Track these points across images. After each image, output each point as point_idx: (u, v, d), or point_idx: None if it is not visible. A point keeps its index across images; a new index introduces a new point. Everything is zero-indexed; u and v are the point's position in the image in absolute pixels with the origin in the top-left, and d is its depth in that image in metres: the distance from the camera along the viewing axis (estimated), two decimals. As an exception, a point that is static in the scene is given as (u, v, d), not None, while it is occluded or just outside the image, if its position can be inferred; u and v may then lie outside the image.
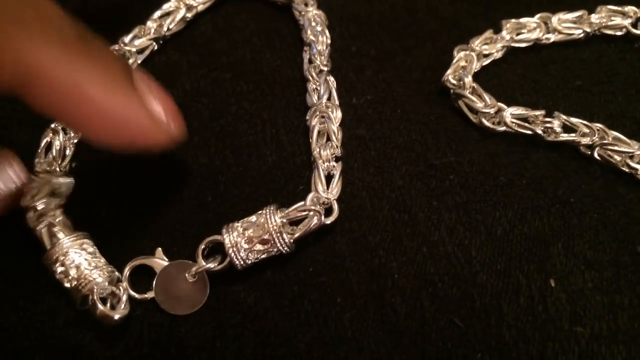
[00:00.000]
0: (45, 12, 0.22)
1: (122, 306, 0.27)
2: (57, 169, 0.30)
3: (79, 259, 0.27)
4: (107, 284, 0.27)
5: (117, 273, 0.28)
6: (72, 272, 0.27)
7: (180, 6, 0.36)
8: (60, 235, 0.27)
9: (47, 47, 0.22)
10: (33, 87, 0.22)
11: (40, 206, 0.27)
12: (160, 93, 0.26)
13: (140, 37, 0.35)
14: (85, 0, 0.38)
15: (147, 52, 0.35)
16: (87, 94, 0.23)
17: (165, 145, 0.25)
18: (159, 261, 0.29)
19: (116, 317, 0.26)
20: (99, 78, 0.23)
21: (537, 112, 0.32)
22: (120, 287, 0.27)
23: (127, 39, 0.34)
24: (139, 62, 0.35)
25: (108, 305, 0.27)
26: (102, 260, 0.27)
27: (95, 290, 0.26)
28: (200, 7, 0.36)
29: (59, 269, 0.27)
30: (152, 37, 0.35)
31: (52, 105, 0.23)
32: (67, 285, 0.27)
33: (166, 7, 0.36)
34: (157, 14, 0.36)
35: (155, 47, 0.35)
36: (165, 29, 0.35)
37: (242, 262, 0.28)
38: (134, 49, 0.34)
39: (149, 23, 0.35)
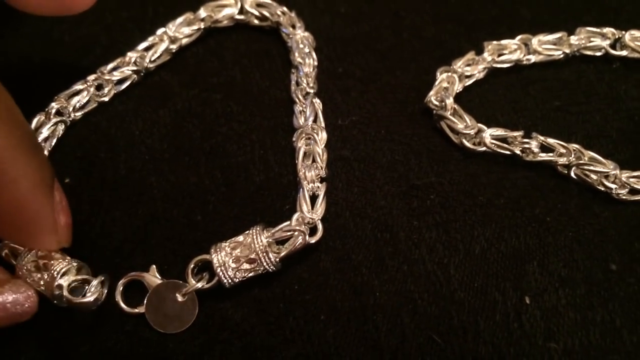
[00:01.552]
0: None
1: (92, 290, 0.28)
2: None
3: (45, 259, 0.28)
4: (73, 274, 0.28)
5: (82, 263, 0.28)
6: (43, 273, 0.28)
7: (164, 39, 0.37)
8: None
9: None
10: None
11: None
12: (66, 204, 0.29)
13: (121, 67, 0.36)
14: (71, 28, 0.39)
15: (127, 83, 0.36)
16: (15, 192, 0.25)
17: (52, 248, 0.28)
18: (152, 278, 0.30)
19: (82, 300, 0.27)
20: (31, 181, 0.25)
21: (516, 133, 0.33)
22: (88, 274, 0.28)
23: (106, 68, 0.35)
24: (119, 90, 0.36)
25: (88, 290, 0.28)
26: (66, 258, 0.28)
27: (64, 283, 0.27)
28: (185, 41, 0.37)
29: (33, 274, 0.28)
30: (133, 68, 0.36)
31: None
32: (42, 288, 0.28)
33: (150, 39, 0.37)
34: (141, 45, 0.36)
35: (136, 79, 0.36)
36: (147, 60, 0.36)
37: (229, 281, 0.29)
38: (114, 79, 0.35)
39: (130, 54, 0.36)
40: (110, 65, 0.36)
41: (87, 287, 0.28)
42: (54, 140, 0.34)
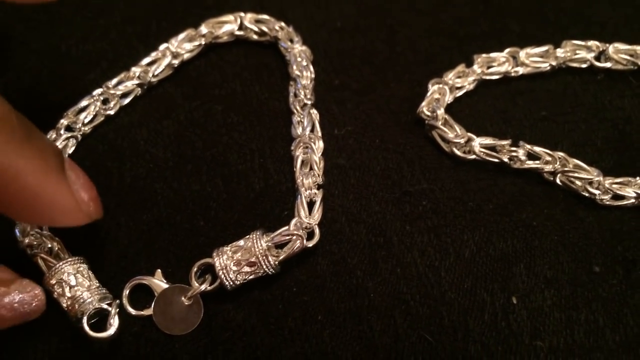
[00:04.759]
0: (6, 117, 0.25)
1: (112, 326, 0.29)
2: None
3: (73, 282, 0.29)
4: (98, 304, 0.29)
5: (109, 294, 0.30)
6: (67, 293, 0.29)
7: (166, 54, 0.38)
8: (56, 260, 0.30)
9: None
10: None
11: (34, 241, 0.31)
12: (86, 180, 0.29)
13: (125, 81, 0.37)
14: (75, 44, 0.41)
15: (131, 97, 0.37)
16: (24, 182, 0.25)
17: (83, 223, 0.28)
18: (158, 282, 0.31)
19: (99, 335, 0.29)
20: (36, 168, 0.26)
21: (504, 142, 0.34)
22: (112, 308, 0.29)
23: (111, 83, 0.37)
24: (124, 104, 0.37)
25: (108, 322, 0.29)
26: (95, 282, 0.30)
27: (86, 310, 0.29)
28: (187, 55, 0.39)
29: (57, 290, 0.29)
30: (136, 82, 0.37)
31: None
32: (64, 305, 0.29)
33: (153, 54, 0.38)
34: (145, 60, 0.38)
35: (140, 92, 0.38)
36: (150, 75, 0.38)
37: (231, 283, 0.30)
38: (118, 93, 0.37)
39: (134, 69, 0.38)
40: (115, 80, 0.37)
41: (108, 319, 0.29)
42: (66, 155, 0.35)
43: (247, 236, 0.31)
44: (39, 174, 0.26)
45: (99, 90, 0.37)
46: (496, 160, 0.35)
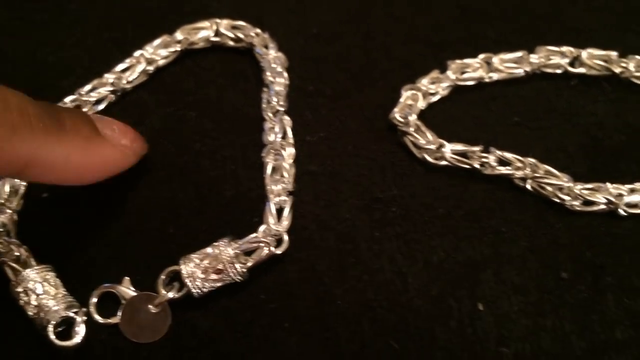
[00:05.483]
0: (24, 109, 0.26)
1: (77, 335, 0.29)
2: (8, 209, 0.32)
3: (40, 290, 0.29)
4: (64, 312, 0.29)
5: (75, 302, 0.30)
6: (33, 302, 0.29)
7: (140, 60, 0.38)
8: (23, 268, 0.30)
9: (32, 138, 0.26)
10: (29, 171, 0.27)
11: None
12: (120, 126, 0.32)
13: (98, 88, 0.37)
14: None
15: (104, 103, 0.37)
16: (70, 161, 0.28)
17: (133, 163, 0.33)
18: (126, 290, 0.31)
19: (65, 344, 0.29)
20: (76, 145, 0.28)
21: (475, 148, 0.34)
22: (78, 316, 0.29)
23: (84, 90, 0.37)
24: (97, 110, 0.37)
25: (74, 330, 0.29)
26: (62, 290, 0.30)
27: (52, 319, 0.29)
28: (162, 62, 0.39)
29: (23, 299, 0.29)
30: (110, 89, 0.37)
31: (45, 177, 0.29)
32: (30, 313, 0.29)
33: (127, 60, 0.38)
34: (118, 67, 0.38)
35: (114, 99, 0.38)
36: (124, 81, 0.38)
37: (198, 291, 0.30)
38: (91, 100, 0.37)
39: (107, 75, 0.38)
40: (88, 87, 0.37)
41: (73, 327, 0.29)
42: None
43: (215, 243, 0.31)
44: (78, 150, 0.28)
45: (71, 97, 0.37)
46: (467, 166, 0.35)
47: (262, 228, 0.31)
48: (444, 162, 0.35)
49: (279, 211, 0.32)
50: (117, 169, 0.32)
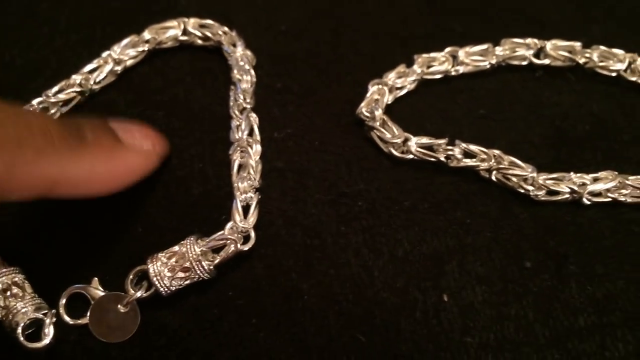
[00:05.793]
0: (47, 130, 0.27)
1: (47, 336, 0.29)
2: None
3: (8, 292, 0.29)
4: (32, 314, 0.29)
5: (44, 304, 0.30)
6: (1, 304, 0.29)
7: (108, 61, 0.38)
8: None
9: (57, 159, 0.27)
10: (56, 190, 0.27)
11: None
12: (139, 130, 0.32)
13: (65, 89, 0.37)
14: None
15: (72, 104, 0.37)
16: (95, 173, 0.29)
17: (157, 164, 0.33)
18: (95, 290, 0.31)
19: (35, 346, 0.29)
20: (99, 157, 0.29)
21: (440, 141, 0.35)
22: (47, 317, 0.29)
23: (51, 91, 0.37)
24: (64, 112, 0.37)
25: (43, 332, 0.29)
26: (31, 292, 0.30)
27: (21, 320, 0.29)
28: (130, 62, 0.39)
29: None
30: (77, 90, 0.37)
31: (71, 192, 0.28)
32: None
33: (95, 61, 0.38)
34: (86, 68, 0.38)
35: (81, 100, 0.38)
36: (92, 82, 0.38)
37: (166, 289, 0.30)
38: (59, 101, 0.37)
39: (74, 76, 0.37)
40: (55, 88, 0.37)
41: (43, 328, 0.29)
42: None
43: (182, 242, 0.31)
44: (101, 162, 0.29)
45: (38, 99, 0.37)
46: (433, 159, 0.35)
47: (229, 225, 0.32)
48: (410, 156, 0.35)
49: (246, 208, 0.33)
50: (141, 174, 0.32)
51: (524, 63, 0.40)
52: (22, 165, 0.25)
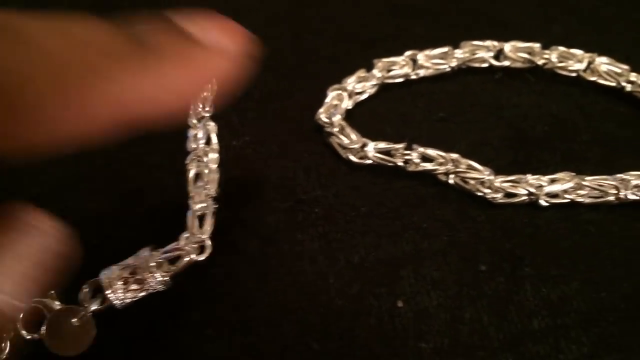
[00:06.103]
0: (109, 51, 0.22)
1: (1, 351, 0.29)
2: None
3: None
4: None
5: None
6: None
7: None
8: None
9: (129, 77, 0.21)
10: (131, 114, 0.22)
11: None
12: (216, 23, 0.25)
13: None
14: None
15: None
16: (172, 84, 0.23)
17: (244, 67, 0.26)
18: (51, 304, 0.31)
19: None
20: (173, 66, 0.23)
21: (398, 145, 0.35)
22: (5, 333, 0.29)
23: None
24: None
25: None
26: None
27: None
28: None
29: None
30: None
31: (149, 113, 0.23)
32: None
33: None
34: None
35: None
36: None
37: (120, 302, 0.30)
38: None
39: None
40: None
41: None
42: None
43: (136, 253, 0.31)
44: (171, 74, 0.22)
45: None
46: (391, 164, 0.35)
47: (184, 235, 0.31)
48: (368, 161, 0.35)
49: (202, 217, 0.32)
50: (227, 79, 0.25)
51: (484, 65, 0.40)
52: (89, 92, 0.20)
